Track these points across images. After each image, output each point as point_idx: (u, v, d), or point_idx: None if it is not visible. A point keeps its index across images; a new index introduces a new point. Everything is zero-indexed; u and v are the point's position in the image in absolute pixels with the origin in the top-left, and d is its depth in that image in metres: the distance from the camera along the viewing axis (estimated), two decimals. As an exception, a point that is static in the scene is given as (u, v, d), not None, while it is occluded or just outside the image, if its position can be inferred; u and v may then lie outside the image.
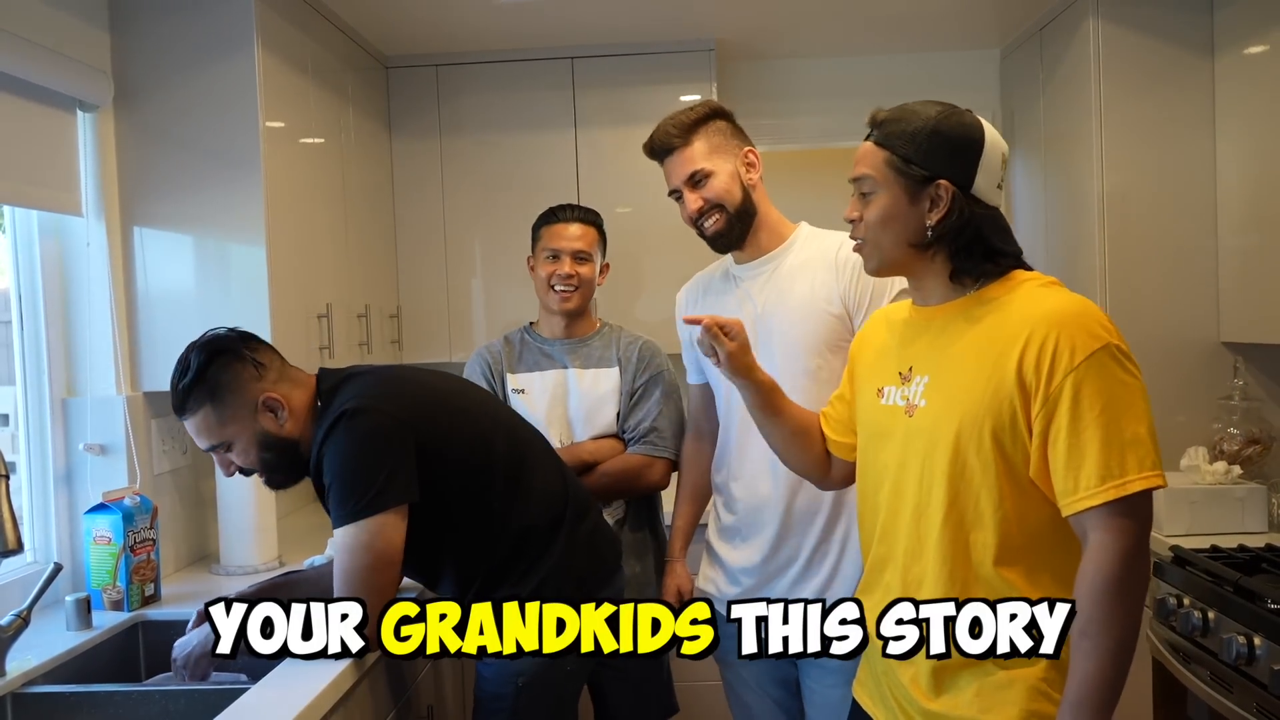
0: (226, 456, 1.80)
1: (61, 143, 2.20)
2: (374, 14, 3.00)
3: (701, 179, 1.99)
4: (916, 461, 1.44)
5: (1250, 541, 2.37)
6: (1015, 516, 1.37)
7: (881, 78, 3.70)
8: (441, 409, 1.86)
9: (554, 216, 2.46)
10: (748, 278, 2.03)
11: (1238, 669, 1.99)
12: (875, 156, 1.46)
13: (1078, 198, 3.02)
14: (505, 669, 1.86)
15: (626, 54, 3.40)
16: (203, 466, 2.60)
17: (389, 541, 1.69)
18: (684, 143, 2.01)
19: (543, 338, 2.48)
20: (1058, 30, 3.13)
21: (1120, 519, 1.29)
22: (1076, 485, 1.30)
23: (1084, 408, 1.30)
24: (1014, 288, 1.43)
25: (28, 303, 2.22)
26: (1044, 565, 1.38)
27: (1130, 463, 1.29)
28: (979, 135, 1.44)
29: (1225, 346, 2.85)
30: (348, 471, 1.69)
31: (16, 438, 2.23)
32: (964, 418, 1.38)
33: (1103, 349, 1.31)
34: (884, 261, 1.50)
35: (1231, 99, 2.78)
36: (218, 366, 1.75)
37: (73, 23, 2.23)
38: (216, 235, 2.37)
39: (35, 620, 1.84)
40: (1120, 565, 1.28)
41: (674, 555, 2.21)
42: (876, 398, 1.54)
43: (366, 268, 3.12)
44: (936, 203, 1.42)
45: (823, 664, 1.95)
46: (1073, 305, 1.36)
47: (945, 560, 1.40)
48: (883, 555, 1.51)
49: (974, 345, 1.41)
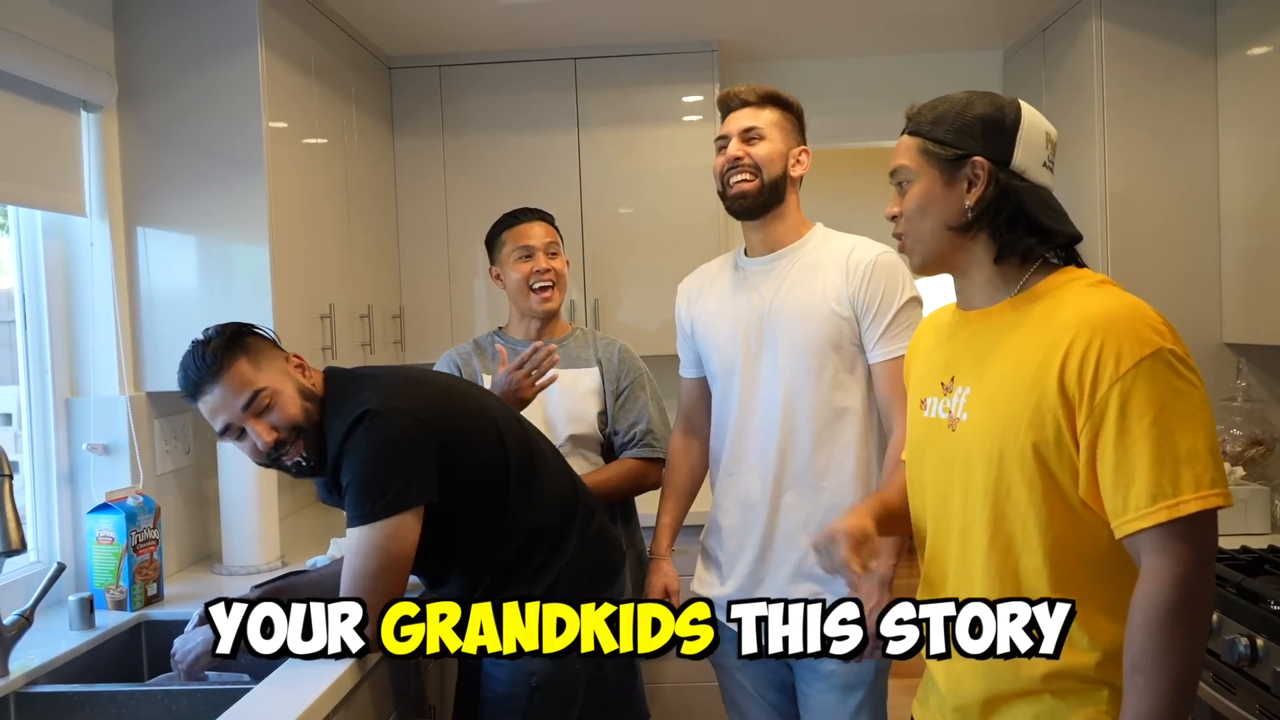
0: (266, 418, 1.72)
1: (65, 142, 2.20)
2: (377, 14, 3.00)
3: (755, 138, 1.99)
4: (960, 479, 1.36)
5: (1253, 543, 2.36)
6: (1069, 539, 1.28)
7: (884, 79, 3.70)
8: (459, 409, 1.86)
9: (515, 219, 2.47)
10: (758, 271, 2.03)
11: (1241, 670, 1.99)
12: (909, 146, 1.41)
13: (1081, 198, 3.01)
14: (519, 669, 1.86)
15: (629, 55, 3.40)
16: (205, 466, 2.60)
17: (403, 544, 1.69)
18: (758, 105, 2.02)
19: (516, 340, 2.47)
20: (1061, 31, 3.13)
21: (1176, 542, 1.19)
22: (1126, 505, 1.21)
23: (1132, 419, 1.20)
24: (1058, 286, 1.34)
25: (31, 302, 2.22)
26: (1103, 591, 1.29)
27: (1185, 480, 1.19)
28: (1013, 111, 1.37)
29: (1228, 348, 2.85)
30: (368, 473, 1.69)
31: (20, 437, 2.24)
32: (1006, 433, 1.29)
33: (1153, 354, 1.21)
34: (927, 254, 1.41)
35: (1235, 100, 2.77)
36: (244, 332, 1.78)
37: (77, 23, 2.24)
38: (219, 235, 2.38)
39: (38, 620, 1.84)
40: (1175, 593, 1.18)
41: (660, 553, 2.18)
42: (920, 410, 1.47)
43: (369, 268, 3.13)
44: (974, 181, 1.35)
45: (818, 669, 1.95)
46: (1120, 306, 1.26)
47: (994, 585, 1.32)
48: (934, 579, 1.44)
49: (1015, 353, 1.32)
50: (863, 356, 1.96)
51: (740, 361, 2.01)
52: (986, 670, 1.33)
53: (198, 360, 1.73)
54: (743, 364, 2.01)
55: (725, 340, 2.04)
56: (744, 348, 2.00)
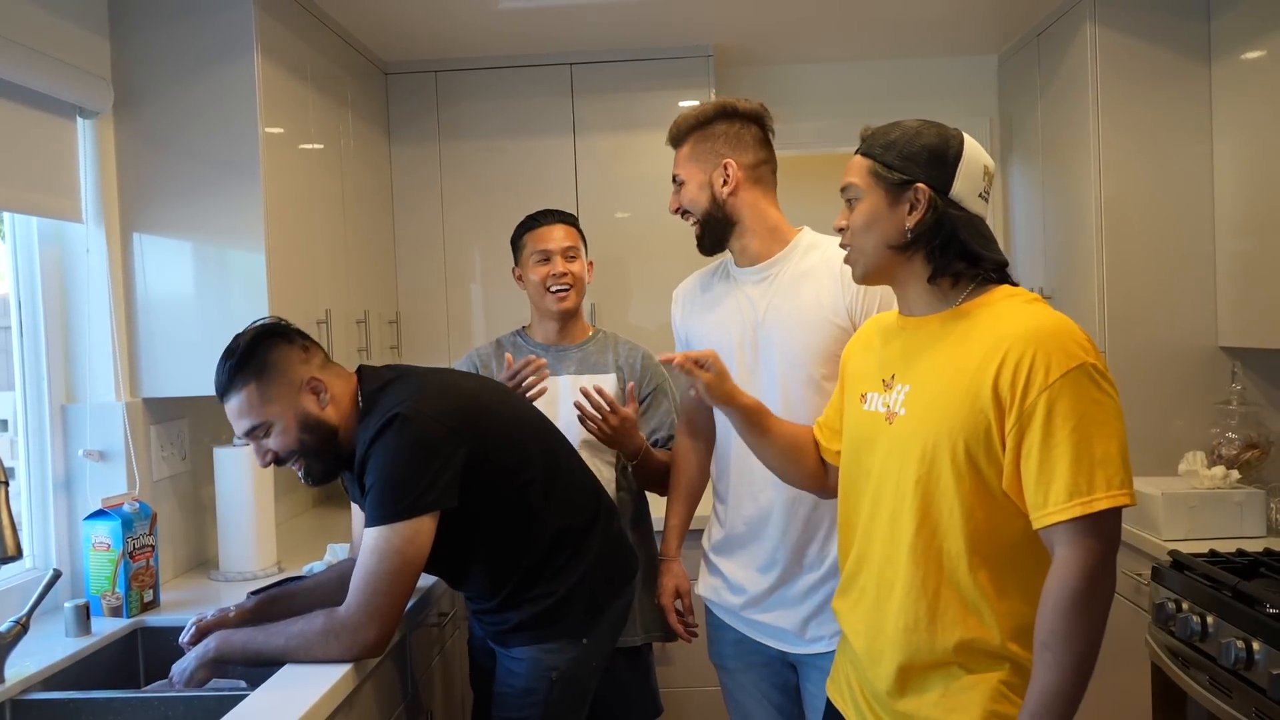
0: (263, 443, 1.79)
1: (61, 149, 2.20)
2: (373, 20, 3.01)
3: (680, 183, 2.06)
4: (894, 468, 1.48)
5: (1249, 546, 2.37)
6: (987, 527, 1.40)
7: (880, 83, 3.71)
8: (486, 413, 1.88)
9: (536, 222, 2.48)
10: (748, 282, 2.03)
11: (1237, 674, 1.99)
12: (860, 166, 1.53)
13: (1076, 203, 3.02)
14: (539, 664, 1.90)
15: (625, 60, 3.41)
16: (202, 472, 2.60)
17: (418, 549, 1.70)
18: (676, 144, 2.08)
19: (535, 342, 2.48)
20: (1055, 36, 3.14)
21: (1086, 536, 1.32)
22: (1046, 500, 1.34)
23: (1056, 425, 1.33)
24: (995, 302, 1.46)
25: (27, 309, 2.22)
26: (1013, 574, 1.41)
27: (1099, 481, 1.32)
28: (957, 144, 1.48)
29: (1223, 351, 2.85)
30: (394, 474, 1.71)
31: (16, 443, 2.23)
32: (939, 429, 1.41)
33: (1078, 368, 1.34)
34: (868, 267, 1.54)
35: (1229, 104, 2.78)
36: (266, 346, 1.79)
37: (73, 30, 2.24)
38: (216, 241, 2.38)
39: (34, 627, 1.84)
40: (1083, 580, 1.32)
41: (669, 554, 2.19)
42: (860, 403, 1.58)
43: (365, 273, 3.13)
44: (915, 205, 1.47)
45: (822, 667, 1.95)
46: (1051, 323, 1.39)
47: (918, 565, 1.44)
48: (859, 558, 1.55)
49: (953, 358, 1.44)
50: None
51: (736, 373, 1.98)
52: (905, 642, 1.45)
53: (218, 373, 1.79)
54: (739, 375, 1.97)
55: (721, 351, 2.02)
56: (739, 359, 1.99)
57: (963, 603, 1.41)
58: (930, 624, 1.43)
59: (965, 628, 1.41)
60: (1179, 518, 2.49)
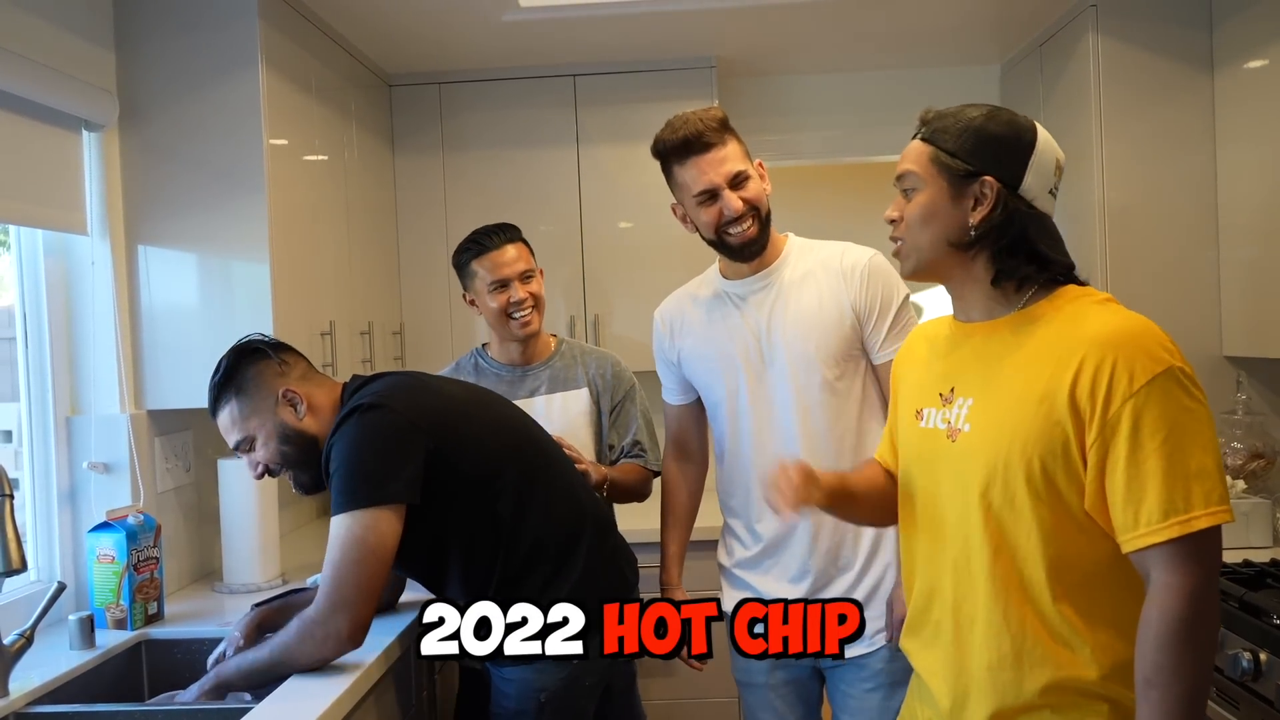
0: (251, 456, 1.86)
1: (67, 162, 2.21)
2: (377, 32, 3.02)
3: (742, 180, 1.90)
4: (960, 490, 1.35)
5: (1255, 556, 2.36)
6: (1072, 552, 1.29)
7: (882, 94, 3.71)
8: (459, 418, 1.87)
9: (482, 246, 2.35)
10: (747, 294, 1.99)
11: (1244, 685, 1.98)
12: (920, 153, 1.40)
13: (1079, 212, 3.02)
14: (528, 684, 1.87)
15: (628, 71, 3.41)
16: (206, 484, 2.60)
17: (381, 538, 1.69)
18: (722, 140, 1.91)
19: (498, 364, 2.43)
20: (1058, 45, 3.14)
21: (1186, 559, 1.20)
22: (1137, 520, 1.22)
23: (1145, 436, 1.21)
24: (1065, 304, 1.34)
25: (32, 320, 2.22)
26: (1102, 604, 1.30)
27: (1196, 497, 1.20)
28: (1030, 134, 1.37)
29: (1228, 361, 2.85)
30: (352, 461, 1.72)
31: (20, 455, 2.24)
32: (1011, 445, 1.29)
33: (1165, 373, 1.23)
34: (922, 262, 1.40)
35: (1232, 113, 2.78)
36: (245, 364, 1.85)
37: (78, 43, 2.25)
38: (220, 253, 2.38)
39: (39, 639, 1.84)
40: (1188, 608, 1.19)
41: (671, 583, 2.16)
42: (915, 420, 1.46)
43: (369, 285, 3.13)
44: (981, 200, 1.34)
45: (864, 664, 1.91)
46: (1132, 325, 1.28)
47: (999, 598, 1.32)
48: (929, 592, 1.43)
49: (1023, 366, 1.32)
50: (866, 358, 1.96)
51: (745, 385, 1.98)
52: (991, 685, 1.33)
53: (208, 392, 1.86)
54: (749, 387, 1.98)
55: (724, 368, 2.00)
56: (746, 371, 1.97)
57: (1052, 636, 1.29)
58: (1016, 662, 1.30)
59: (1055, 665, 1.29)
60: (1185, 528, 2.48)
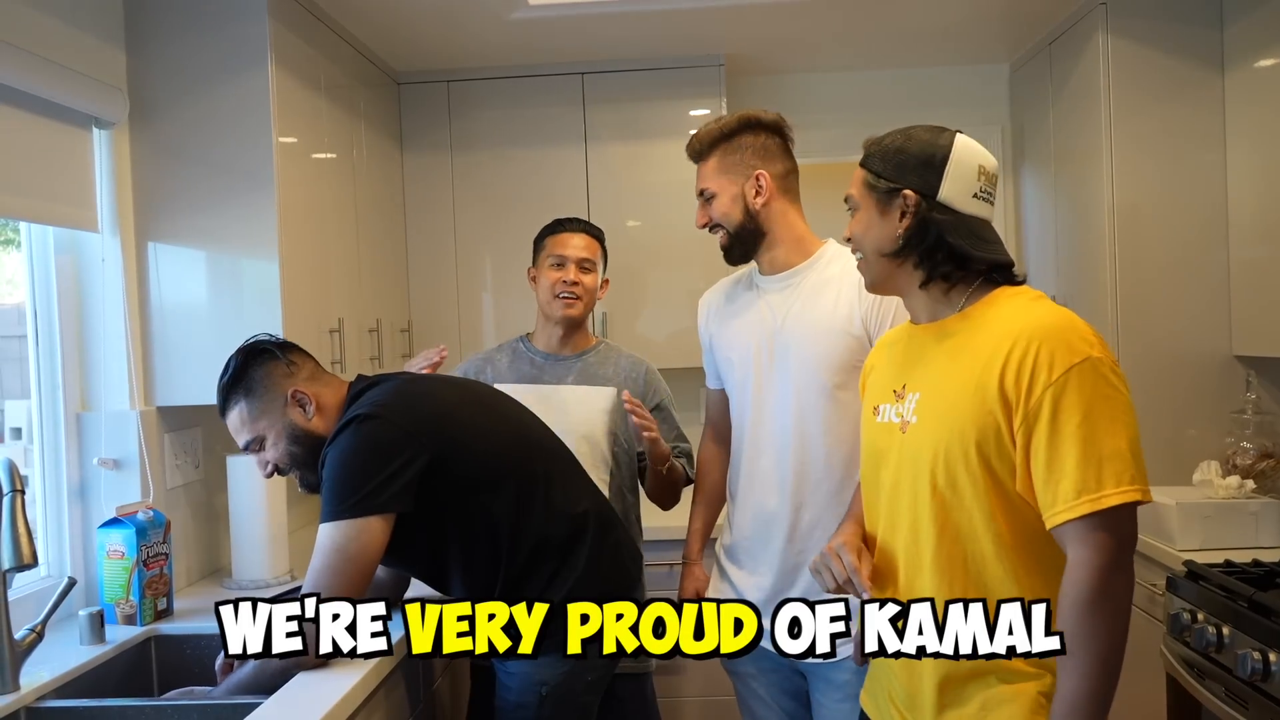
0: (261, 456, 1.86)
1: (78, 159, 2.22)
2: (386, 31, 3.03)
3: (709, 196, 2.04)
4: (909, 477, 1.47)
5: (1265, 556, 2.35)
6: (1009, 530, 1.39)
7: (891, 93, 3.71)
8: (454, 423, 1.87)
9: (560, 227, 2.49)
10: (771, 290, 2.04)
11: (1253, 685, 1.98)
12: (857, 177, 1.55)
13: (1088, 211, 3.01)
14: (529, 678, 1.87)
15: (637, 69, 3.42)
16: (215, 481, 2.61)
17: (363, 548, 1.70)
18: (699, 159, 2.06)
19: (536, 349, 2.48)
20: (1067, 45, 3.13)
21: (1097, 533, 1.30)
22: (1055, 499, 1.32)
23: (1062, 421, 1.31)
24: (1001, 302, 1.46)
25: (43, 317, 2.23)
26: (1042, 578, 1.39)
27: (1107, 476, 1.30)
28: (945, 146, 1.48)
29: (1238, 360, 2.84)
30: (342, 472, 1.73)
31: (31, 452, 2.25)
32: (951, 433, 1.40)
33: (1083, 362, 1.32)
34: (874, 276, 1.56)
35: (1242, 112, 2.77)
36: (253, 365, 1.85)
37: (90, 41, 2.26)
38: (230, 250, 2.39)
39: (49, 635, 1.84)
40: (1097, 579, 1.30)
41: (692, 558, 2.23)
42: (874, 416, 1.58)
43: (378, 282, 3.14)
44: (906, 212, 1.48)
45: (832, 679, 1.95)
46: (1054, 318, 1.38)
47: (943, 572, 1.42)
48: (883, 569, 1.54)
49: (959, 361, 1.44)
50: None
51: (752, 378, 2.02)
52: None
53: (217, 391, 1.87)
54: (755, 380, 2.01)
55: (740, 357, 2.05)
56: (755, 365, 2.01)
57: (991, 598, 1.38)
58: None
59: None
60: (1194, 528, 2.48)
